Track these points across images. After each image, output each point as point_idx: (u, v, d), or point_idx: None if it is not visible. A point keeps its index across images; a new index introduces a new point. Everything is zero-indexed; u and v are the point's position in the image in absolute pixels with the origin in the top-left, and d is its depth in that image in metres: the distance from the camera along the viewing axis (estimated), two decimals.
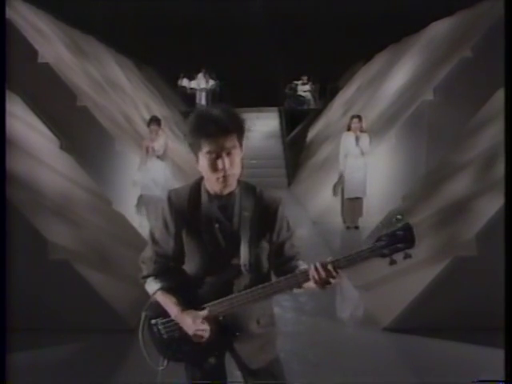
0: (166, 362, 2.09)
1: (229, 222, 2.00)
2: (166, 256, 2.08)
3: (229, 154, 1.91)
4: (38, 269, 4.33)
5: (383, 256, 1.85)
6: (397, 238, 1.83)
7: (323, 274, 1.86)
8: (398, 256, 1.85)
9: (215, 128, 1.88)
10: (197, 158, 1.97)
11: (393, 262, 1.86)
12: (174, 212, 2.03)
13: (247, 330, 2.06)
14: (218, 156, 1.90)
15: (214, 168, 1.92)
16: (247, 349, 2.08)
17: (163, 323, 2.06)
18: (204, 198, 2.02)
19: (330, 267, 1.85)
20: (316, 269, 1.86)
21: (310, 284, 1.92)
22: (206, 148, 1.91)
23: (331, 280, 1.87)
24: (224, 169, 1.91)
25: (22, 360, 3.77)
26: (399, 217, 1.87)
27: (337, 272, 1.86)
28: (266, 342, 2.13)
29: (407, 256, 1.84)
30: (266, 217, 2.02)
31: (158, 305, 2.07)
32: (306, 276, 1.91)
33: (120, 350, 4.04)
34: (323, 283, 1.87)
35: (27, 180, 4.85)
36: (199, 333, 1.96)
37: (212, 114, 1.92)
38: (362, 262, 1.88)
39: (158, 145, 7.29)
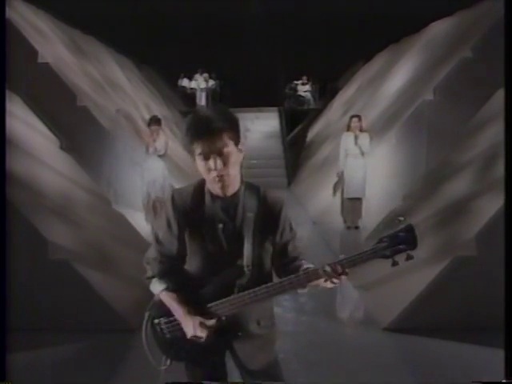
0: (168, 361, 2.10)
1: (232, 223, 2.00)
2: (170, 256, 2.08)
3: (220, 154, 1.90)
4: (38, 269, 4.32)
5: (385, 257, 1.86)
6: (398, 240, 1.84)
7: (333, 274, 1.89)
8: (400, 257, 1.86)
9: (204, 129, 1.89)
10: (194, 159, 1.97)
11: (395, 264, 1.87)
12: (177, 212, 2.02)
13: (247, 331, 2.06)
14: (210, 157, 1.90)
15: (206, 169, 1.92)
16: (246, 349, 2.09)
17: (166, 322, 2.07)
18: (207, 198, 2.01)
19: (338, 267, 1.89)
20: (325, 271, 1.90)
21: (315, 282, 1.95)
22: (197, 150, 1.91)
23: (342, 277, 1.91)
24: (216, 169, 1.90)
25: (22, 360, 3.77)
26: (401, 218, 1.88)
27: (345, 272, 1.89)
28: (266, 343, 2.13)
29: (409, 257, 1.85)
30: (269, 218, 2.02)
31: (161, 304, 2.07)
32: (308, 277, 1.92)
33: (120, 349, 4.04)
34: (333, 282, 1.92)
35: (27, 180, 4.85)
36: (196, 339, 1.98)
37: (202, 114, 1.94)
38: (364, 263, 1.89)
39: (160, 144, 7.31)
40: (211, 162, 1.90)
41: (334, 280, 1.90)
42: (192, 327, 1.97)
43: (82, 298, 4.34)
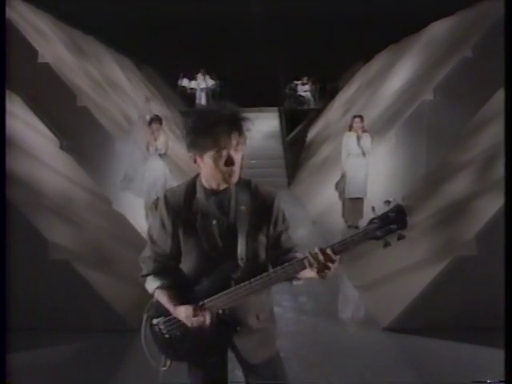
0: (168, 362, 2.10)
1: (226, 218, 2.02)
2: (164, 255, 2.09)
3: (237, 150, 1.95)
4: (38, 269, 4.33)
5: (376, 238, 1.84)
6: (389, 220, 1.83)
7: (322, 258, 1.84)
8: (392, 238, 1.84)
9: (228, 125, 1.92)
10: (201, 156, 1.97)
11: (387, 244, 1.85)
12: (171, 211, 2.04)
13: (247, 325, 2.07)
14: (229, 152, 1.93)
15: (225, 164, 1.93)
16: (247, 344, 2.09)
17: (164, 322, 2.07)
18: (200, 194, 2.03)
19: (328, 251, 1.85)
20: (314, 254, 1.85)
21: (309, 273, 1.90)
22: (218, 145, 1.92)
23: (330, 265, 1.84)
24: (234, 164, 1.94)
25: (22, 360, 3.77)
26: (390, 199, 1.87)
27: (335, 254, 1.85)
28: (266, 338, 2.14)
29: (401, 237, 1.83)
30: (262, 210, 2.04)
31: (159, 305, 2.08)
32: (302, 264, 1.89)
33: (120, 349, 4.04)
34: (322, 268, 1.85)
35: (27, 180, 4.85)
36: (200, 318, 1.95)
37: (221, 112, 1.95)
38: (356, 246, 1.87)
39: (161, 144, 7.33)
40: (230, 158, 1.93)
41: (321, 266, 1.84)
42: (190, 311, 1.96)
43: (82, 297, 4.35)
